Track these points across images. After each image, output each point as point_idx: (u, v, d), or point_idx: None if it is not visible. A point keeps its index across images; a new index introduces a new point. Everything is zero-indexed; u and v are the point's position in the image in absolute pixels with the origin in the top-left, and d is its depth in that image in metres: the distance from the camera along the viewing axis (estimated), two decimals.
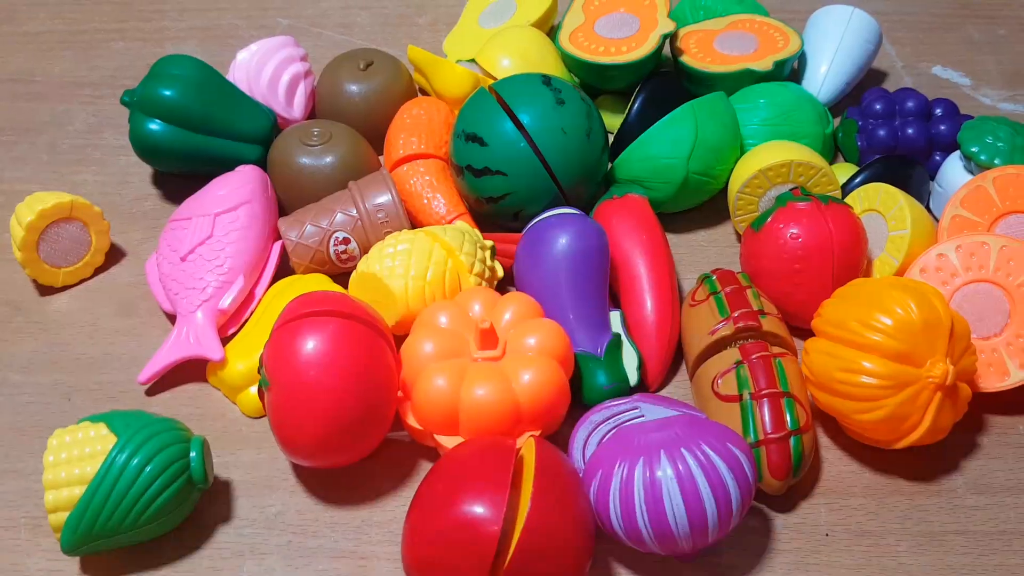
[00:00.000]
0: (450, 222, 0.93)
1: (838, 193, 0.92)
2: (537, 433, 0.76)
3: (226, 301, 0.86)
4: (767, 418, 0.76)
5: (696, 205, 0.99)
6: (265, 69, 1.02)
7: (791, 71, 1.06)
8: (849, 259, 0.85)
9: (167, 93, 0.93)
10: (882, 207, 0.89)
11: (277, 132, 1.00)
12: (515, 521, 0.68)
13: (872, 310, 0.74)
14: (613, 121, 1.06)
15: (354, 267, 0.90)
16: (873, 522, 0.78)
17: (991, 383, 0.82)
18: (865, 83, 1.12)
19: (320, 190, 0.93)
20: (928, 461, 0.82)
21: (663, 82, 1.03)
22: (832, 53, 1.06)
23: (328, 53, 1.11)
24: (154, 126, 0.94)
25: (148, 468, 0.72)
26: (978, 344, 0.83)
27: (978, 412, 0.85)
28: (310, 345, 0.73)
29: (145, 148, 0.95)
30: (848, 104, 1.08)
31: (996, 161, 0.91)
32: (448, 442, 0.76)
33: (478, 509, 0.66)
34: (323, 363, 0.73)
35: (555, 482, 0.70)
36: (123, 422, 0.74)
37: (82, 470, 0.72)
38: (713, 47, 1.04)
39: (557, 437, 0.82)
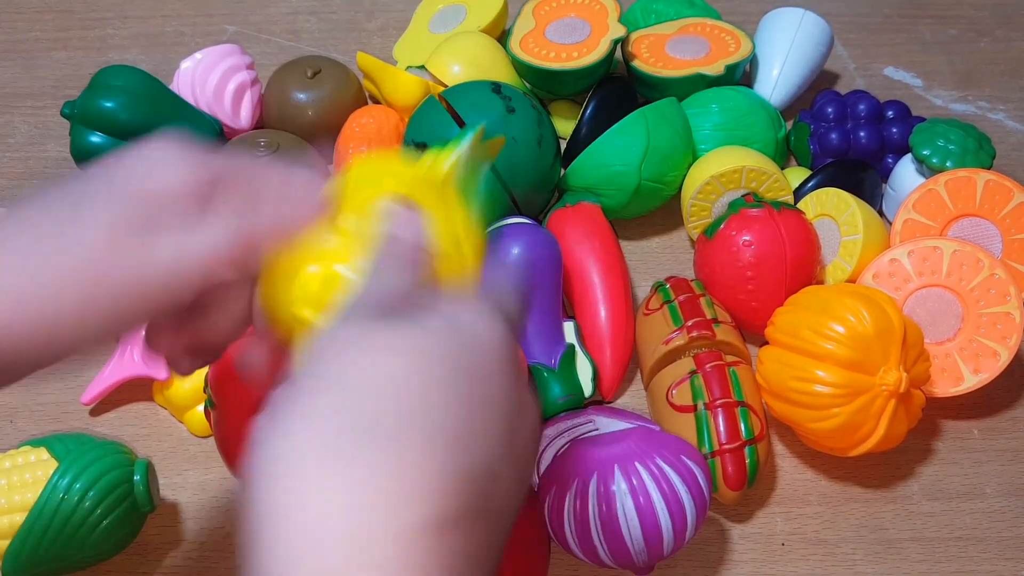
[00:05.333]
0: None
1: (790, 198, 0.92)
2: None
3: None
4: (722, 428, 0.75)
5: (650, 211, 0.98)
6: (210, 78, 1.00)
7: (743, 74, 1.06)
8: (802, 266, 0.84)
9: (108, 105, 0.91)
10: (834, 212, 0.89)
11: (223, 143, 0.98)
12: None
13: (824, 318, 0.74)
14: (566, 127, 1.05)
15: None
16: (829, 531, 0.78)
17: (945, 388, 0.82)
18: (817, 85, 1.12)
19: None
20: (884, 468, 0.82)
21: (615, 87, 1.02)
22: (784, 56, 1.05)
23: (276, 60, 1.09)
24: (95, 139, 0.92)
25: (91, 493, 0.70)
26: (932, 349, 0.82)
27: (933, 417, 0.85)
28: (254, 363, 0.72)
29: (87, 161, 0.93)
30: (800, 107, 1.08)
31: (948, 164, 0.91)
32: None
33: None
34: (268, 381, 0.71)
35: None
36: (64, 446, 0.72)
37: (23, 497, 0.70)
38: (665, 51, 1.03)
39: None
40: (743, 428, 0.75)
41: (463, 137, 0.50)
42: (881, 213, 0.99)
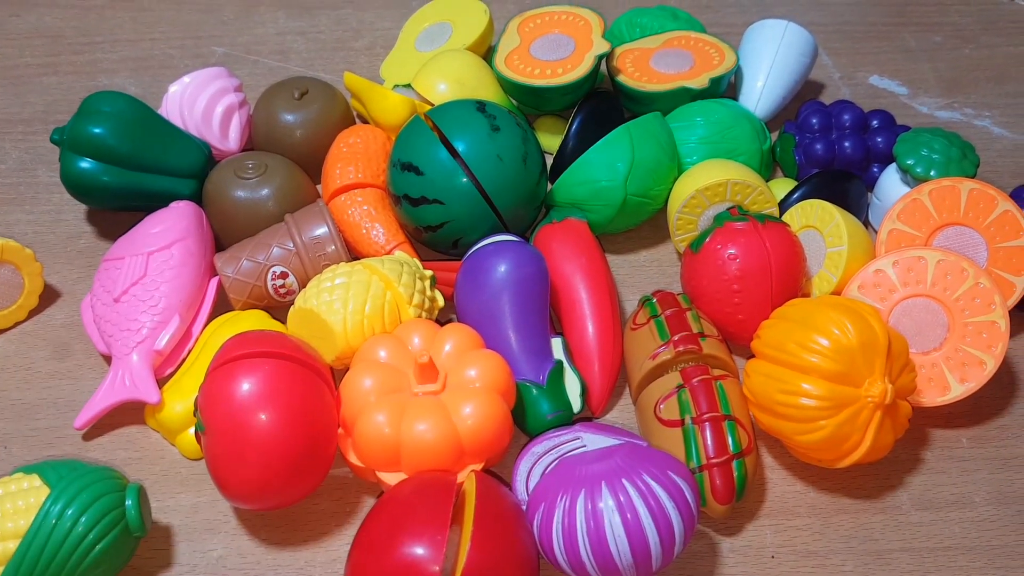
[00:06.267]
0: (390, 252, 0.93)
1: (775, 211, 0.93)
2: (480, 466, 0.76)
3: (162, 341, 0.85)
4: (709, 442, 0.76)
5: (636, 226, 0.98)
6: (198, 101, 1.00)
7: (728, 87, 1.06)
8: (787, 278, 0.85)
9: (97, 131, 0.92)
10: (819, 224, 0.89)
11: (212, 165, 0.98)
12: (457, 559, 0.67)
13: (809, 331, 0.74)
14: (552, 142, 1.05)
15: (293, 301, 0.89)
16: (819, 542, 0.78)
17: (933, 398, 0.82)
18: (803, 95, 1.12)
19: (257, 223, 0.92)
20: (873, 478, 0.82)
21: (601, 102, 1.02)
22: (768, 68, 1.06)
23: (264, 80, 1.11)
24: (85, 164, 0.92)
25: (83, 519, 0.70)
26: (918, 359, 0.83)
27: (921, 427, 0.85)
28: (244, 388, 0.72)
29: (77, 186, 0.94)
30: (786, 118, 1.09)
31: (932, 173, 0.91)
32: (390, 479, 0.75)
33: (418, 550, 0.66)
34: (258, 406, 0.72)
35: (496, 519, 0.69)
36: (56, 472, 0.73)
37: (15, 524, 0.70)
38: (649, 65, 1.04)
39: (502, 467, 0.82)
40: (731, 442, 0.76)
41: None
42: (867, 223, 0.99)
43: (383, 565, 0.67)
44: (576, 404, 0.83)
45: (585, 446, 0.78)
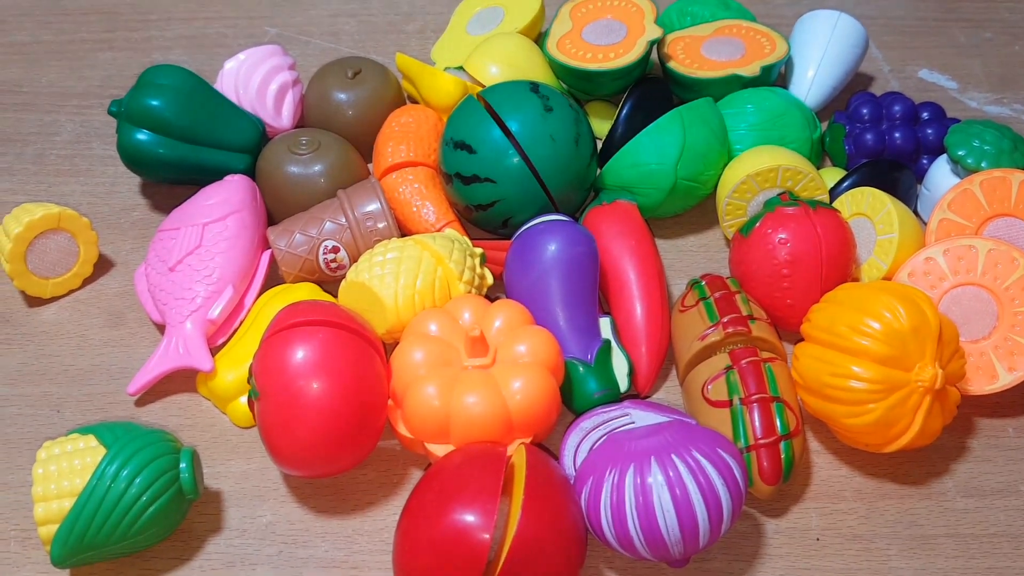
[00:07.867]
0: (439, 230, 0.93)
1: (826, 198, 0.93)
2: (528, 440, 0.76)
3: (215, 311, 0.86)
4: (757, 423, 0.76)
5: (685, 210, 0.99)
6: (253, 78, 1.02)
7: (778, 76, 1.06)
8: (837, 264, 0.85)
9: (154, 103, 0.93)
10: (870, 211, 0.89)
11: (265, 141, 1.00)
12: (507, 529, 0.68)
13: (861, 315, 0.75)
14: (602, 127, 1.06)
15: (344, 276, 0.90)
16: (864, 526, 0.79)
17: (980, 386, 0.82)
18: (852, 87, 1.12)
19: (309, 199, 0.93)
20: (918, 465, 0.82)
21: (651, 88, 1.03)
22: (819, 58, 1.06)
23: (316, 61, 1.12)
24: (142, 136, 0.94)
25: (138, 480, 0.71)
26: (967, 347, 0.83)
27: (968, 415, 0.85)
28: (299, 355, 0.73)
29: (133, 158, 0.95)
30: (835, 108, 1.09)
31: (983, 164, 0.91)
32: (439, 450, 0.76)
33: (469, 518, 0.66)
34: (312, 373, 0.73)
35: (546, 490, 0.70)
36: (112, 434, 0.74)
37: (71, 482, 0.71)
38: (700, 53, 1.04)
39: (548, 444, 0.83)
40: (779, 423, 0.76)
41: None
42: (916, 213, 0.99)
43: (434, 532, 0.67)
44: (623, 384, 0.84)
45: (634, 422, 0.79)
